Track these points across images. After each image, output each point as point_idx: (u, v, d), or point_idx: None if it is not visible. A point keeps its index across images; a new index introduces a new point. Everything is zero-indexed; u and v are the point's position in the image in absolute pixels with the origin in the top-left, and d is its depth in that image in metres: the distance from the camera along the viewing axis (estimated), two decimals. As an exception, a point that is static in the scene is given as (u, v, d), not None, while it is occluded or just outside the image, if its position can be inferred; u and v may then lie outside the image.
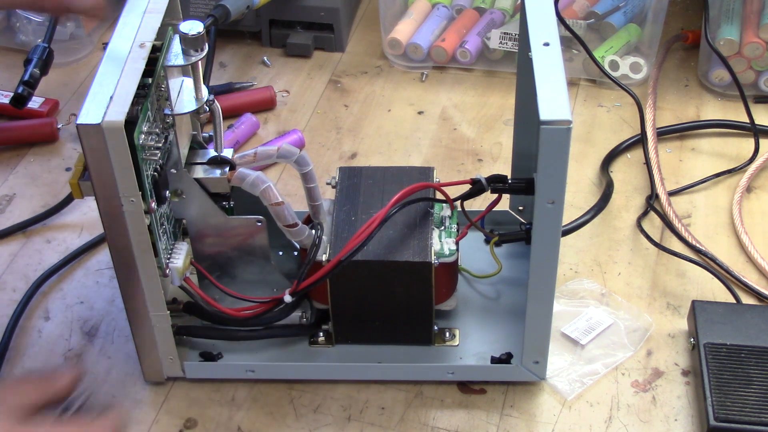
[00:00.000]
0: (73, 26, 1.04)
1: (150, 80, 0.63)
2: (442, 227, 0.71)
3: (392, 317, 0.72)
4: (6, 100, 0.97)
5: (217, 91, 0.99)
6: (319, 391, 0.73)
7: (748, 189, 0.89)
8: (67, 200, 0.88)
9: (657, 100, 0.98)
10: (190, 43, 0.63)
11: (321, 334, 0.73)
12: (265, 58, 1.07)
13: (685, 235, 0.83)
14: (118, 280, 0.66)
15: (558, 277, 0.78)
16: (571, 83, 1.01)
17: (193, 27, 0.63)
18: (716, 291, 0.79)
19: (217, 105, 0.68)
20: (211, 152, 0.70)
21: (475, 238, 0.78)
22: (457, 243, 0.70)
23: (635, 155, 0.93)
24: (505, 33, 1.01)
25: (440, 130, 0.97)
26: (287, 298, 0.68)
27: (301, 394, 0.72)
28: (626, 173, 0.91)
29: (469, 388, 0.73)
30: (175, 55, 0.64)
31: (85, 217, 0.88)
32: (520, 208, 0.81)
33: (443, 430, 0.70)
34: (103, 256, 0.84)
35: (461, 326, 0.75)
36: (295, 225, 0.68)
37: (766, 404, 0.67)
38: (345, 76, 1.05)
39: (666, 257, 0.82)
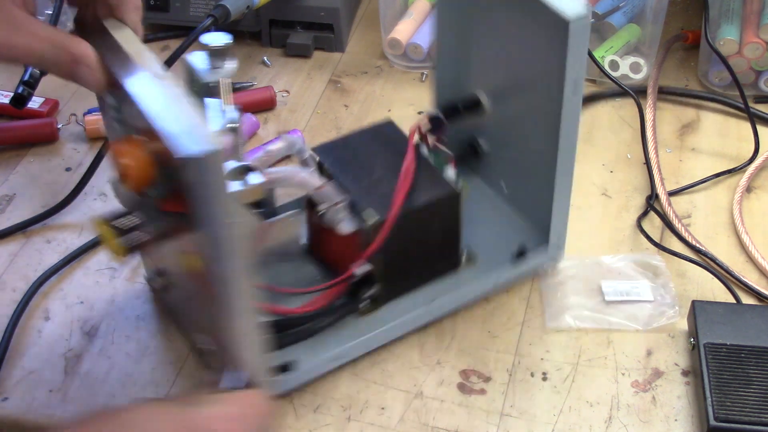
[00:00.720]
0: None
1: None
2: (435, 160, 0.76)
3: (427, 256, 0.75)
4: (6, 100, 0.97)
5: (217, 91, 0.99)
6: (319, 391, 0.73)
7: (748, 189, 0.89)
8: (67, 200, 0.88)
9: (657, 100, 0.98)
10: (218, 55, 0.63)
11: (362, 304, 0.74)
12: (265, 58, 1.07)
13: (685, 235, 0.83)
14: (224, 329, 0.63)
15: (571, 278, 0.79)
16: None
17: (219, 38, 0.63)
18: (716, 291, 0.79)
19: (241, 114, 0.68)
20: (232, 163, 0.69)
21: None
22: (455, 168, 0.75)
23: (635, 155, 0.93)
24: (505, 33, 1.01)
25: (440, 130, 0.97)
26: (360, 270, 0.70)
27: (301, 395, 0.72)
28: (626, 173, 0.91)
29: (470, 388, 0.73)
30: (205, 71, 0.64)
31: (85, 217, 0.88)
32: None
33: (443, 430, 0.70)
34: (103, 256, 0.84)
35: (465, 242, 0.78)
36: (341, 201, 0.71)
37: (766, 404, 0.67)
38: (345, 76, 1.05)
39: (666, 257, 0.82)
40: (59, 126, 0.97)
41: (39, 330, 0.78)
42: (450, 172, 0.75)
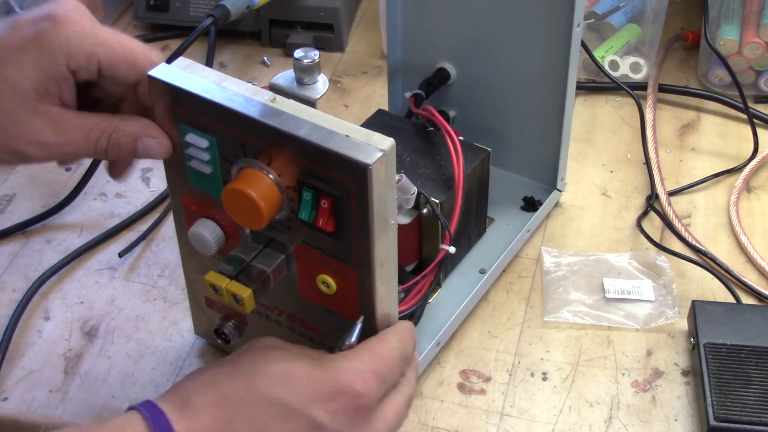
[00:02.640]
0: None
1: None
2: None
3: (469, 223, 0.78)
4: (6, 100, 0.97)
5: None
6: (319, 391, 0.73)
7: (748, 189, 0.89)
8: (67, 200, 0.88)
9: (657, 100, 0.98)
10: (307, 71, 0.63)
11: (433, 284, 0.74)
12: (265, 58, 1.07)
13: (685, 235, 0.83)
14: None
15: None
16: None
17: (309, 54, 0.63)
18: (716, 291, 0.79)
19: None
20: None
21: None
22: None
23: (635, 155, 0.93)
24: (505, 33, 1.01)
25: (440, 130, 0.97)
26: (452, 249, 0.71)
27: (301, 394, 0.72)
28: (626, 173, 0.91)
29: (470, 388, 0.73)
30: (297, 88, 0.63)
31: (85, 217, 0.88)
32: None
33: (443, 430, 0.70)
34: (103, 256, 0.84)
35: None
36: (415, 192, 0.71)
37: (766, 404, 0.67)
38: (345, 76, 1.05)
39: (666, 257, 0.82)
40: (59, 126, 0.97)
41: (39, 330, 0.78)
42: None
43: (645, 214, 0.86)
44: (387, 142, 0.54)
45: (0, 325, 0.77)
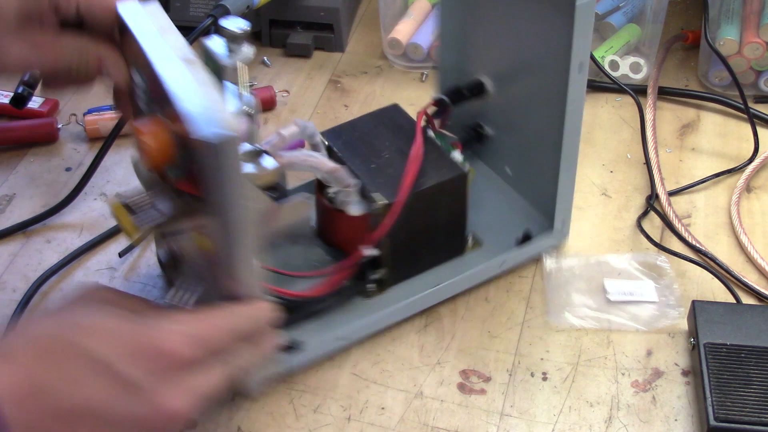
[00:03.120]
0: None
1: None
2: (444, 145, 0.77)
3: (434, 239, 0.76)
4: (6, 100, 0.97)
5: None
6: (319, 392, 0.73)
7: (748, 189, 0.89)
8: (67, 200, 0.88)
9: (657, 100, 0.98)
10: (237, 41, 0.65)
11: (369, 286, 0.75)
12: (265, 58, 1.07)
13: (685, 235, 0.83)
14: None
15: (571, 279, 0.79)
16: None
17: (237, 24, 0.65)
18: (716, 291, 0.79)
19: (257, 98, 0.69)
20: (246, 145, 0.70)
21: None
22: (462, 153, 0.76)
23: (635, 155, 0.93)
24: (505, 33, 1.01)
25: (440, 130, 0.97)
26: (369, 252, 0.71)
27: (301, 395, 0.72)
28: (626, 173, 0.91)
29: (470, 388, 0.73)
30: (223, 56, 0.66)
31: (85, 217, 0.88)
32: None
33: (443, 430, 0.70)
34: (103, 256, 0.84)
35: (473, 228, 0.79)
36: (353, 185, 0.72)
37: (766, 404, 0.67)
38: (345, 76, 1.05)
39: (666, 257, 0.82)
40: (59, 126, 0.97)
41: (39, 330, 0.78)
42: (456, 155, 0.76)
43: (645, 214, 0.86)
44: (236, 126, 0.55)
45: (0, 326, 0.77)
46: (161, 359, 0.54)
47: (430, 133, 0.78)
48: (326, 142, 0.77)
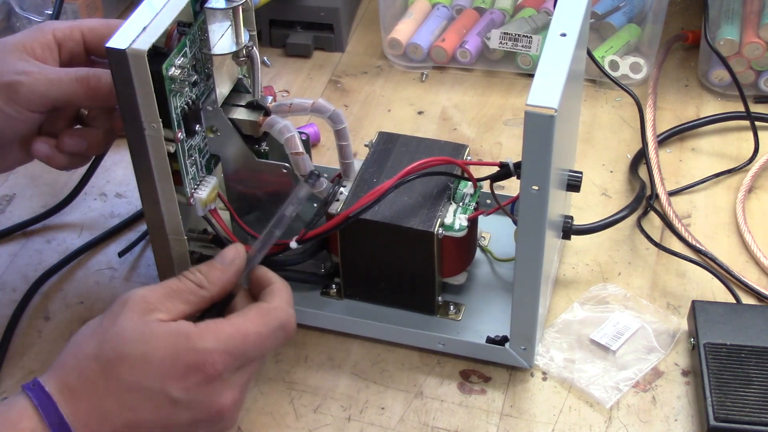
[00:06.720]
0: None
1: (194, 21, 0.66)
2: (461, 203, 0.72)
3: (397, 281, 0.74)
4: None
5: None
6: (319, 392, 0.73)
7: (749, 189, 0.89)
8: (67, 200, 0.88)
9: (657, 100, 0.98)
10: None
11: (333, 286, 0.76)
12: (265, 58, 1.07)
13: (685, 235, 0.83)
14: (143, 205, 0.69)
15: (571, 279, 0.79)
16: (571, 83, 1.01)
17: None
18: (716, 291, 0.79)
19: (256, 52, 0.70)
20: (250, 97, 0.72)
21: (510, 223, 0.73)
22: (470, 220, 0.71)
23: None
24: (505, 33, 1.01)
25: (440, 130, 0.97)
26: (293, 245, 0.70)
27: (301, 395, 0.72)
28: (626, 173, 0.91)
29: (470, 388, 0.73)
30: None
31: (85, 217, 0.88)
32: None
33: (443, 430, 0.70)
34: (103, 256, 0.84)
35: (469, 303, 0.76)
36: (299, 154, 0.70)
37: (766, 404, 0.67)
38: (345, 76, 1.05)
39: (666, 257, 0.82)
40: (59, 126, 0.97)
41: (39, 330, 0.78)
42: (461, 219, 0.71)
43: (645, 214, 0.86)
44: (146, 44, 0.60)
45: (0, 325, 0.77)
46: (205, 377, 0.59)
47: (468, 189, 0.73)
48: (373, 140, 0.77)
